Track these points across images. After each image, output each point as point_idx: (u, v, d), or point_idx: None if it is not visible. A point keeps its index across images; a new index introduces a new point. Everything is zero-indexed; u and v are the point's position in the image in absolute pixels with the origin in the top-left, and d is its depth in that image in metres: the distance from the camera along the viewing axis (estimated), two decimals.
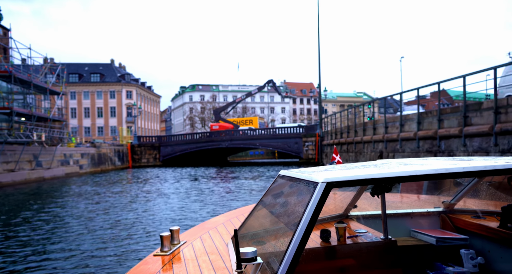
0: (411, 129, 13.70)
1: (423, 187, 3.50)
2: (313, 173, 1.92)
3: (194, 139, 39.68)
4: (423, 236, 2.67)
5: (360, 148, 18.46)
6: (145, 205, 12.63)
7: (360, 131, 18.74)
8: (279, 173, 2.41)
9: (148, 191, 16.83)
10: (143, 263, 2.14)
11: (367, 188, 2.72)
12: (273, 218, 2.17)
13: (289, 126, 36.85)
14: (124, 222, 9.66)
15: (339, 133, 22.65)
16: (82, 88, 61.36)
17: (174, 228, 2.47)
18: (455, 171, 1.73)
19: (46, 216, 10.89)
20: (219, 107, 42.53)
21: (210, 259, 2.13)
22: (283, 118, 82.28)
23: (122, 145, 37.27)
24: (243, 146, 38.11)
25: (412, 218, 2.89)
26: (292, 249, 1.52)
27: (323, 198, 1.64)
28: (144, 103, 68.55)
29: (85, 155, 27.51)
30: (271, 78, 38.00)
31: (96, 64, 65.49)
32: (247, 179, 21.54)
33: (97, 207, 12.33)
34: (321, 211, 1.62)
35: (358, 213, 2.92)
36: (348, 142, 19.93)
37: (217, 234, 2.73)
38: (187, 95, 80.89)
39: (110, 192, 16.73)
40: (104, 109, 61.60)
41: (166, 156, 39.74)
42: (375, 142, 16.57)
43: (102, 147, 31.31)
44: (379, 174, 1.73)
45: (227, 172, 28.87)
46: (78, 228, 8.94)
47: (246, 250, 1.49)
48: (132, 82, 63.33)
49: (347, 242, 2.30)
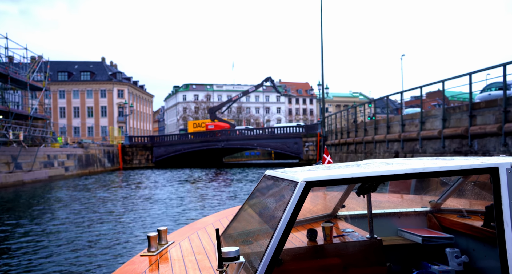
0: (434, 126, 12.22)
1: (411, 187, 3.46)
2: (295, 173, 1.94)
3: (189, 139, 37.97)
4: (410, 236, 2.69)
5: (370, 148, 16.96)
6: (133, 211, 11.56)
7: (371, 130, 17.25)
8: (265, 173, 2.41)
9: (137, 197, 15.20)
10: (129, 263, 2.15)
11: (354, 188, 2.68)
12: (257, 217, 2.19)
13: (288, 126, 35.35)
14: (110, 228, 9.08)
15: (345, 132, 21.14)
16: (72, 86, 59.23)
17: (161, 229, 2.47)
18: (431, 170, 1.76)
19: (27, 221, 10.19)
20: (214, 106, 40.86)
21: (196, 259, 2.16)
22: (279, 118, 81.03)
23: (112, 146, 35.39)
24: (240, 146, 36.49)
25: (400, 217, 2.91)
26: (271, 247, 1.56)
27: (303, 197, 1.66)
28: (136, 103, 66.56)
29: (72, 156, 25.63)
30: (269, 76, 36.50)
31: (87, 62, 63.40)
32: (247, 183, 19.99)
33: (81, 214, 11.35)
34: (300, 209, 1.64)
35: (346, 213, 2.92)
36: (357, 141, 18.42)
37: (205, 234, 2.73)
38: (181, 94, 79.30)
39: (95, 197, 15.07)
40: (94, 109, 59.54)
41: (159, 157, 37.95)
42: (389, 142, 15.09)
43: (91, 148, 29.43)
44: (357, 174, 1.75)
45: (224, 174, 27.27)
46: (62, 233, 8.60)
47: (228, 250, 1.49)
48: (123, 81, 61.36)
49: (333, 241, 2.32)
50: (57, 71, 59.51)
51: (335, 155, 22.47)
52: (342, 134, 21.53)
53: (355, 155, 18.90)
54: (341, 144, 21.17)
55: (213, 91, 78.90)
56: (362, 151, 18.01)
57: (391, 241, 2.70)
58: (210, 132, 37.29)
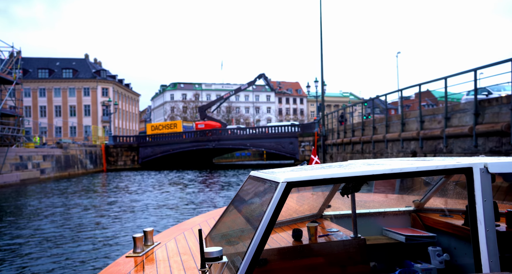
0: (463, 122, 10.68)
1: (395, 187, 3.50)
2: (277, 173, 1.95)
3: (178, 139, 35.93)
4: (394, 235, 2.71)
5: (381, 147, 15.41)
6: (116, 216, 10.55)
7: (381, 128, 15.69)
8: (250, 174, 2.40)
9: (121, 201, 13.28)
10: (114, 265, 2.13)
11: (339, 189, 2.62)
12: (240, 217, 2.18)
13: (283, 125, 33.69)
14: (93, 231, 8.65)
15: (349, 131, 19.58)
16: (53, 84, 56.35)
17: (147, 230, 2.47)
18: (409, 170, 1.78)
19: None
20: (204, 104, 38.89)
21: (181, 260, 2.16)
22: (269, 118, 79.76)
23: (95, 146, 33.07)
24: (232, 146, 34.66)
25: (384, 217, 2.92)
26: (252, 247, 1.56)
27: (283, 197, 1.66)
28: (122, 102, 64.01)
29: (49, 157, 23.36)
30: (262, 72, 34.75)
31: (69, 59, 60.55)
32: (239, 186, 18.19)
33: (59, 217, 10.61)
34: (281, 209, 1.64)
35: (332, 213, 2.94)
36: (364, 140, 16.85)
37: (191, 235, 2.74)
38: (168, 93, 77.26)
39: (74, 202, 13.08)
40: (77, 108, 56.80)
41: (146, 158, 35.80)
42: (404, 140, 13.53)
43: (71, 148, 27.13)
44: (338, 174, 1.76)
45: (215, 176, 25.44)
46: (43, 235, 8.22)
47: (211, 250, 1.50)
48: (108, 79, 58.77)
49: (318, 241, 2.34)
50: (37, 68, 56.64)
51: (338, 155, 20.89)
52: (346, 132, 19.95)
53: (362, 156, 17.34)
54: (345, 143, 19.59)
55: (201, 90, 77.12)
56: (370, 151, 16.44)
57: (375, 240, 2.70)
58: (201, 131, 35.33)
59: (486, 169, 1.72)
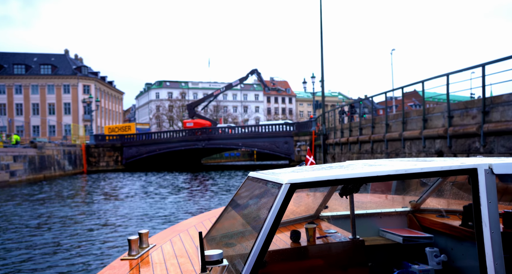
0: (508, 117, 9.12)
1: (392, 188, 3.48)
2: (279, 175, 1.92)
3: (164, 138, 33.75)
4: (391, 236, 2.70)
5: (396, 147, 13.80)
6: (99, 227, 9.20)
7: (396, 125, 14.08)
8: (248, 175, 2.37)
9: (104, 207, 11.26)
10: (109, 268, 2.08)
11: (337, 189, 2.63)
12: (241, 219, 2.13)
13: (277, 123, 31.98)
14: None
15: (355, 129, 17.96)
16: (30, 81, 53.13)
17: (143, 232, 2.41)
18: (413, 171, 1.77)
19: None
20: (193, 102, 36.76)
21: (178, 262, 2.11)
22: (257, 118, 78.32)
23: (74, 146, 30.55)
24: (223, 146, 32.73)
25: (381, 218, 2.91)
26: (256, 250, 1.53)
27: (287, 199, 1.63)
28: (105, 100, 61.13)
29: (20, 158, 20.90)
30: (254, 68, 32.94)
31: (47, 55, 57.31)
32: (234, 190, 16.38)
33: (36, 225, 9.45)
34: (285, 211, 1.61)
35: (329, 214, 2.92)
36: (375, 139, 15.23)
37: (187, 236, 2.69)
38: (153, 92, 74.82)
39: (46, 210, 11.08)
40: (56, 105, 53.75)
41: (130, 159, 33.49)
42: (427, 139, 11.94)
43: (46, 148, 24.64)
44: (341, 175, 1.74)
45: (206, 178, 23.49)
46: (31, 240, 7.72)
47: (211, 253, 1.47)
48: (90, 76, 55.90)
49: (316, 243, 2.32)
50: (12, 64, 53.35)
51: (342, 156, 19.25)
52: (352, 131, 18.33)
53: (372, 156, 15.72)
54: (351, 142, 17.95)
55: (188, 89, 74.97)
56: (382, 151, 14.83)
57: (373, 241, 2.67)
58: (189, 130, 33.23)
59: (491, 170, 1.70)
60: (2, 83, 52.42)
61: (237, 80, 34.04)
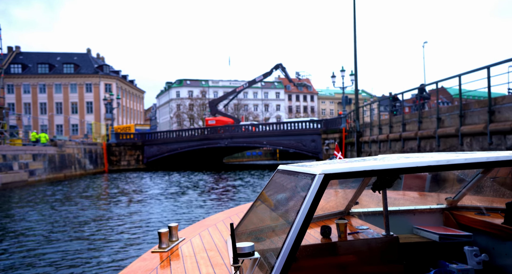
0: None
1: (426, 184, 3.35)
2: (311, 167, 1.87)
3: (186, 136, 32.73)
4: (426, 233, 2.61)
5: (451, 143, 12.03)
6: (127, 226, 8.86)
7: (451, 119, 12.29)
8: (278, 168, 2.34)
9: (129, 207, 10.16)
10: (140, 260, 2.09)
11: (368, 185, 2.61)
12: (271, 212, 2.13)
13: (304, 121, 30.36)
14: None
15: (396, 125, 16.21)
16: (53, 80, 53.51)
17: (172, 225, 2.42)
18: (456, 162, 1.69)
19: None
20: (215, 99, 35.61)
21: (208, 256, 2.12)
22: (279, 116, 76.91)
23: (95, 144, 29.91)
24: (246, 144, 31.39)
25: (415, 215, 2.82)
26: (289, 242, 1.48)
27: (321, 190, 1.59)
28: (126, 99, 61.07)
29: (40, 156, 20.19)
30: (279, 62, 31.43)
31: (70, 54, 57.68)
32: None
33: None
34: (318, 203, 1.57)
35: (360, 210, 2.85)
36: (423, 136, 13.47)
37: (216, 231, 2.69)
38: (174, 90, 74.55)
39: (69, 208, 10.43)
40: (79, 104, 53.95)
41: (151, 158, 32.66)
42: (493, 134, 10.15)
43: (67, 146, 23.95)
44: (378, 166, 1.67)
45: (230, 178, 22.22)
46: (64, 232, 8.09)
47: (243, 245, 1.45)
48: (111, 74, 55.85)
49: (348, 239, 2.28)
50: (36, 63, 53.91)
51: (380, 154, 17.52)
52: (392, 127, 16.57)
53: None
54: (392, 140, 16.20)
55: (208, 87, 74.31)
56: (433, 149, 13.05)
57: (406, 239, 2.58)
58: (211, 128, 32.07)
59: None
60: (27, 82, 53.05)
61: (260, 76, 32.60)
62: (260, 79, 32.58)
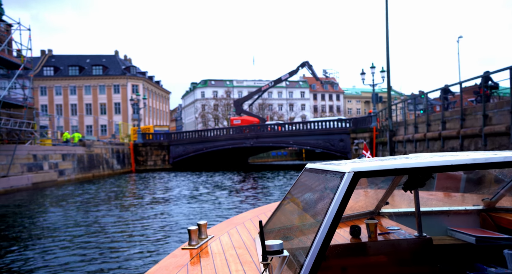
0: None
1: (460, 184, 3.18)
2: (340, 165, 1.85)
3: (211, 136, 32.55)
4: (462, 235, 2.48)
5: (500, 142, 10.97)
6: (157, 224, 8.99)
7: (500, 115, 11.20)
8: (306, 166, 2.33)
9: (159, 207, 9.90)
10: (171, 256, 2.14)
11: (399, 184, 2.54)
12: (300, 211, 2.12)
13: (330, 119, 29.44)
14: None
15: (435, 123, 15.15)
16: (83, 82, 55.04)
17: (201, 223, 2.44)
18: (495, 161, 1.59)
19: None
20: (240, 98, 35.23)
21: (237, 253, 2.13)
22: (304, 116, 75.82)
23: (122, 144, 30.23)
24: (272, 144, 30.81)
25: (449, 216, 2.70)
26: (318, 241, 1.47)
27: (350, 189, 1.56)
28: (152, 99, 61.99)
29: (69, 156, 20.44)
30: (305, 60, 30.63)
31: (99, 56, 59.15)
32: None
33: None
34: (348, 202, 1.55)
35: (390, 210, 2.78)
36: (466, 134, 12.39)
37: (244, 229, 2.70)
38: (199, 91, 75.03)
39: (104, 207, 10.66)
40: (107, 105, 55.23)
41: (177, 158, 32.70)
42: None
43: (95, 146, 24.24)
44: (410, 164, 1.63)
45: (257, 179, 21.69)
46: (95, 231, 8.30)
47: (272, 243, 1.45)
48: (138, 75, 56.82)
49: (378, 239, 2.23)
50: (67, 66, 55.67)
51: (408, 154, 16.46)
52: (430, 125, 15.51)
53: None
54: (429, 139, 15.15)
55: (233, 87, 74.29)
56: (478, 148, 11.96)
57: (440, 240, 2.46)
58: (237, 128, 31.72)
59: None
60: (58, 84, 54.83)
61: (286, 74, 31.91)
62: (286, 77, 31.90)
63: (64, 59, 57.65)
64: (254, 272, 1.82)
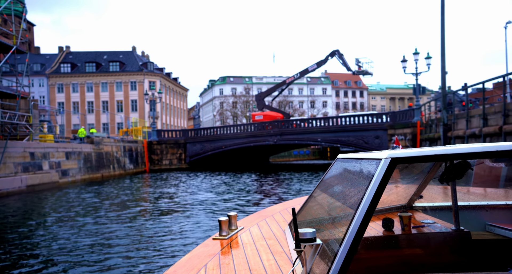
0: None
1: (501, 179, 2.91)
2: (375, 153, 1.81)
3: (231, 133, 30.09)
4: (503, 231, 2.30)
5: None
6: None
7: None
8: (338, 157, 2.30)
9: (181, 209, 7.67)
10: (203, 246, 2.18)
11: (434, 177, 2.46)
12: (332, 200, 2.09)
13: (364, 114, 26.46)
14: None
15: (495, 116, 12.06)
16: (100, 78, 53.73)
17: (231, 214, 2.47)
18: None
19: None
20: (262, 92, 32.59)
21: (267, 244, 2.15)
22: (325, 113, 72.63)
23: (136, 142, 28.13)
24: (298, 142, 28.05)
25: (488, 211, 2.52)
26: (352, 230, 1.42)
27: (387, 175, 1.50)
28: (170, 96, 60.19)
29: (74, 154, 18.32)
30: (336, 49, 27.68)
31: (116, 52, 57.76)
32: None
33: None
34: (384, 190, 1.50)
35: (424, 204, 2.69)
36: None
37: (274, 221, 2.73)
38: (217, 88, 73.01)
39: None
40: (124, 103, 53.70)
41: (194, 157, 30.41)
42: None
43: (104, 144, 22.12)
44: (450, 150, 1.55)
45: (284, 180, 19.03)
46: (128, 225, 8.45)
47: (305, 230, 1.44)
48: (155, 72, 55.08)
49: (412, 232, 2.19)
50: (84, 62, 54.51)
51: None
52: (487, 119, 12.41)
53: None
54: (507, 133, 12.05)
55: (252, 84, 71.89)
56: None
57: (478, 235, 2.31)
58: (258, 124, 29.10)
59: None
60: (75, 81, 53.75)
61: (314, 64, 29.03)
62: (313, 68, 29.00)
63: (81, 56, 56.59)
64: (286, 261, 1.81)
